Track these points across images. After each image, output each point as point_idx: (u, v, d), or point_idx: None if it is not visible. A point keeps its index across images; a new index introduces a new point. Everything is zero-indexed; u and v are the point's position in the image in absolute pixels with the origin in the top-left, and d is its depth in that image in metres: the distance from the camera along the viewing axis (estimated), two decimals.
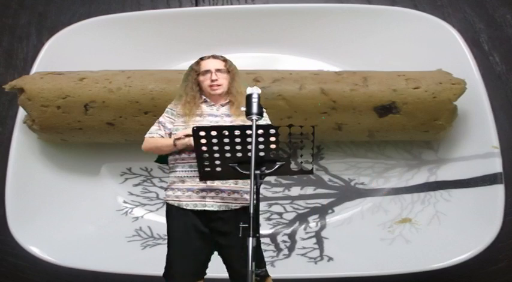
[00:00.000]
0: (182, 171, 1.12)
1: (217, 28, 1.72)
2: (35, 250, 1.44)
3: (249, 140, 1.00)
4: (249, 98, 1.04)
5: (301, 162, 1.03)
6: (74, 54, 1.66)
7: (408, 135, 1.54)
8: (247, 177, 0.99)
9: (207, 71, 1.15)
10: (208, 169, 1.04)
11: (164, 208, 1.57)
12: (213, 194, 1.11)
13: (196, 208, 1.11)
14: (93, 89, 1.49)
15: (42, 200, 1.54)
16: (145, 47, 1.72)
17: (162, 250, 1.12)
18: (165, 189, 1.15)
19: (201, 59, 1.18)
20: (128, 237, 1.53)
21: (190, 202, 1.11)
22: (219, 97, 1.16)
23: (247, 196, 1.12)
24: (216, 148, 1.01)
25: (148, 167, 1.64)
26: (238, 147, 1.01)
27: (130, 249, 1.49)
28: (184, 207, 1.11)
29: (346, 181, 1.61)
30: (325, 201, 1.58)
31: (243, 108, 1.05)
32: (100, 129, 1.52)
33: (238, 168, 1.02)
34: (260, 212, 1.00)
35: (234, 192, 1.11)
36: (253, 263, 0.93)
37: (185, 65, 1.70)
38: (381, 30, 1.68)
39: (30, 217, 1.49)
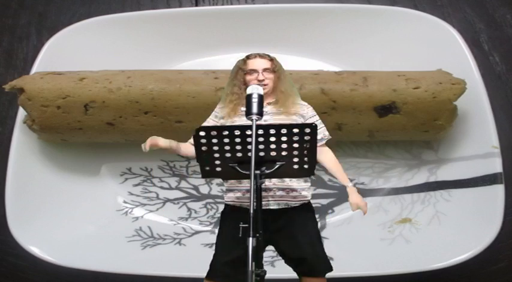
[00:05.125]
0: None
1: (217, 28, 1.73)
2: (35, 250, 1.44)
3: (249, 140, 0.99)
4: (249, 98, 1.04)
5: (302, 163, 1.03)
6: (74, 54, 1.66)
7: (408, 135, 1.54)
8: (247, 177, 0.98)
9: (254, 71, 1.14)
10: (208, 168, 1.04)
11: (164, 208, 1.58)
12: (272, 193, 1.11)
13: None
14: (93, 89, 1.49)
15: (42, 200, 1.53)
16: (145, 47, 1.72)
17: (162, 250, 1.12)
18: (225, 191, 1.15)
19: (248, 57, 1.17)
20: (128, 237, 1.52)
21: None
22: (265, 96, 1.12)
23: (305, 193, 1.13)
24: (216, 148, 1.01)
25: (148, 167, 1.63)
26: (238, 147, 1.01)
27: (130, 249, 1.49)
28: (246, 208, 1.09)
29: None
30: (325, 201, 1.58)
31: (243, 109, 1.05)
32: (100, 129, 1.52)
33: (238, 168, 1.02)
34: None
35: (292, 190, 1.12)
36: (253, 263, 0.93)
37: (185, 65, 1.73)
38: (381, 30, 1.68)
39: (30, 217, 1.49)
